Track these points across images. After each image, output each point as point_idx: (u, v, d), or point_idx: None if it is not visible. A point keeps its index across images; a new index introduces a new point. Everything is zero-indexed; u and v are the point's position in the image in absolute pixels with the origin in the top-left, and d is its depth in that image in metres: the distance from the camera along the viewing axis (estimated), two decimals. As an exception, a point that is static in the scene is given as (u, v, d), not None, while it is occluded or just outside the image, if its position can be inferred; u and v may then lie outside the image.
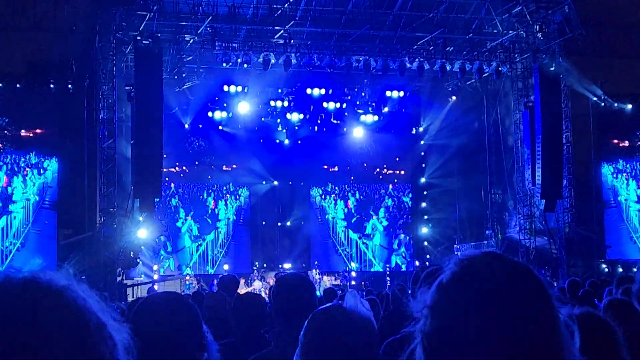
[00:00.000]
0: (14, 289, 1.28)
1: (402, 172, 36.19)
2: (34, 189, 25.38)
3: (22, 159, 25.29)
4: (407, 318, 1.75)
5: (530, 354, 1.53)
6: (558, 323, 1.61)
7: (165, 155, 25.32)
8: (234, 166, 33.37)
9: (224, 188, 33.84)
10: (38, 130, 25.43)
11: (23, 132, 25.28)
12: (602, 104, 28.67)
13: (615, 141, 29.94)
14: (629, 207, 29.63)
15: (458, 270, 1.66)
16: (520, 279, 1.63)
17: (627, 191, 29.80)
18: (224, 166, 33.41)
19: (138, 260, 25.02)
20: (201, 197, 33.61)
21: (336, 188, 35.65)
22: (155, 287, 26.26)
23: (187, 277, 28.34)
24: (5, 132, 25.15)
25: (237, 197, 34.18)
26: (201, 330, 3.13)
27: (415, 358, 1.68)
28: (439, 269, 1.73)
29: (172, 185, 32.49)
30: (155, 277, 28.54)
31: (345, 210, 35.60)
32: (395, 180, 36.22)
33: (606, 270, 27.35)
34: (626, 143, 29.87)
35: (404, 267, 34.62)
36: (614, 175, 29.80)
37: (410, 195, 35.96)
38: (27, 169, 25.26)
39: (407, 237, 35.35)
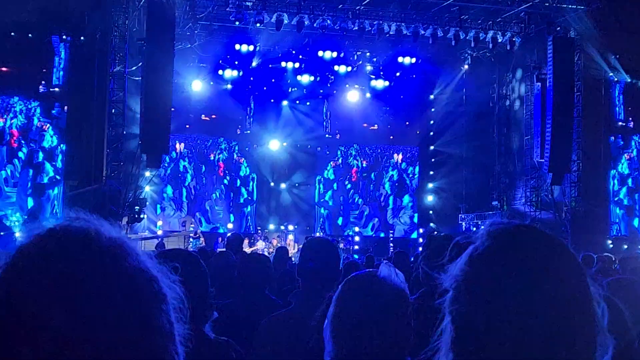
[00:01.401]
0: (72, 242, 1.24)
1: (410, 140, 36.16)
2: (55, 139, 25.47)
3: (35, 109, 25.25)
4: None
5: (564, 330, 1.52)
6: (592, 300, 1.58)
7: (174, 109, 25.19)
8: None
9: (222, 145, 33.84)
10: (45, 81, 25.35)
11: (31, 82, 25.23)
12: (615, 79, 28.53)
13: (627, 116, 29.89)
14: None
15: (493, 244, 1.61)
16: (557, 253, 1.60)
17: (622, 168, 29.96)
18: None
19: (142, 215, 25.06)
20: (211, 156, 33.64)
21: (353, 151, 35.78)
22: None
23: (193, 234, 28.35)
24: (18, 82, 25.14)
25: (247, 158, 34.23)
26: (208, 289, 3.13)
27: (443, 331, 1.66)
28: (466, 242, 1.69)
29: (181, 146, 32.63)
30: (160, 232, 28.60)
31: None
32: (406, 145, 36.27)
33: (611, 246, 27.33)
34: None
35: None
36: (620, 152, 29.82)
37: (417, 166, 36.04)
38: (46, 124, 25.20)
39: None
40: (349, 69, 31.85)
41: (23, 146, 24.76)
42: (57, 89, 25.20)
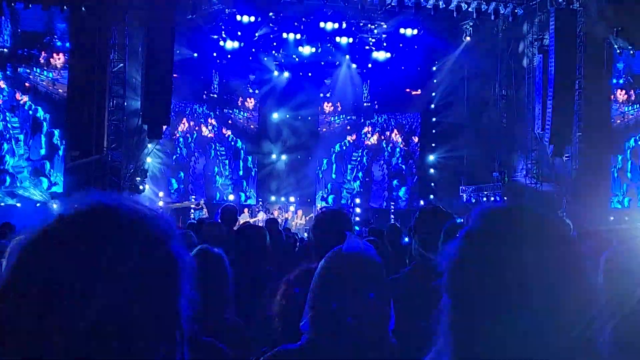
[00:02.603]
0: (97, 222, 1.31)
1: (412, 110, 36.19)
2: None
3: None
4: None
5: (557, 304, 1.52)
6: (586, 276, 1.59)
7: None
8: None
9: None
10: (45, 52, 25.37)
11: (34, 52, 25.26)
12: (618, 51, 28.40)
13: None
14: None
15: (484, 224, 1.63)
16: (548, 231, 1.60)
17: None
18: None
19: (141, 187, 25.06)
20: (204, 131, 33.76)
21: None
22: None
23: (196, 205, 28.29)
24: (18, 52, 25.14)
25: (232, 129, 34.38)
26: None
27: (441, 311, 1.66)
28: (457, 224, 1.70)
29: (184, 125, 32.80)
30: (160, 203, 28.60)
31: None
32: (408, 115, 36.38)
33: (611, 218, 27.29)
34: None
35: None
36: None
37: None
38: (24, 96, 25.21)
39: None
40: (350, 40, 31.76)
41: (7, 111, 24.80)
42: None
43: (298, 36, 31.36)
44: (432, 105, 35.23)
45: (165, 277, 1.31)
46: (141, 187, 25.15)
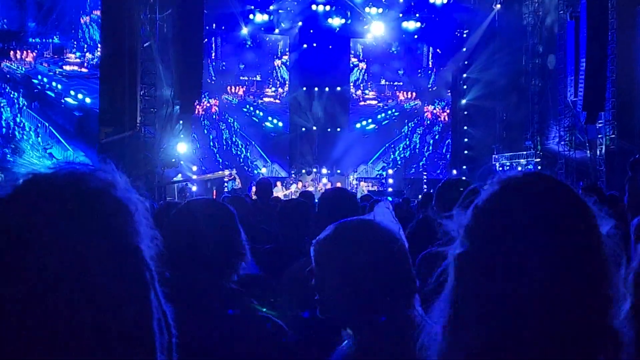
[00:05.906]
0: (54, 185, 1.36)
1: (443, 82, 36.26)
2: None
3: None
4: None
5: (566, 280, 1.45)
6: (601, 249, 1.50)
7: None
8: None
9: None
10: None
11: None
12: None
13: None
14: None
15: (496, 191, 1.56)
16: (562, 201, 1.53)
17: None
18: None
19: (173, 160, 25.12)
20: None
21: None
22: (194, 188, 26.45)
23: (228, 176, 28.28)
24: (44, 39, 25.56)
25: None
26: (240, 238, 3.11)
27: (446, 278, 1.59)
28: (475, 189, 1.64)
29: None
30: (194, 177, 28.65)
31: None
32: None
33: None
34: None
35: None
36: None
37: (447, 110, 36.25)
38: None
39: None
40: (380, 10, 31.60)
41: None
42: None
43: (327, 8, 31.28)
44: (464, 75, 35.01)
45: (114, 220, 1.36)
46: (174, 160, 25.21)
